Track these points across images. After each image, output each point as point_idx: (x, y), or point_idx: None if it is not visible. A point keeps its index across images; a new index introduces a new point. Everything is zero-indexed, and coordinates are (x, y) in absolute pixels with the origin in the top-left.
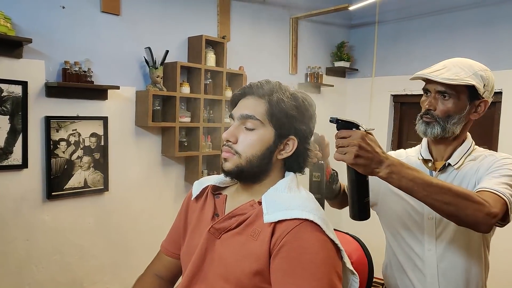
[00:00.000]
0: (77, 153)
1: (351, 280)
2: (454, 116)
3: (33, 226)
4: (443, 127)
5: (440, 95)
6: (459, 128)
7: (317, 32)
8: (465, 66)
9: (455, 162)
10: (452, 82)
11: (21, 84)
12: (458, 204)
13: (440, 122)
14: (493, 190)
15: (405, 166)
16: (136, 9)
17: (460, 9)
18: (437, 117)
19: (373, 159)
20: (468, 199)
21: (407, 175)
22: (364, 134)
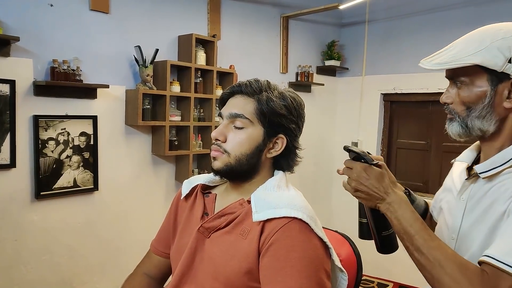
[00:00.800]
0: (66, 152)
1: (340, 277)
2: (475, 107)
3: (21, 226)
4: (463, 124)
5: (455, 84)
6: (490, 123)
7: (307, 31)
8: (477, 37)
9: (485, 170)
10: (442, 66)
11: (8, 83)
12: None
13: (458, 118)
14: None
15: (402, 207)
16: (125, 7)
17: (449, 8)
18: (454, 111)
19: (371, 195)
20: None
21: (401, 221)
22: (363, 168)
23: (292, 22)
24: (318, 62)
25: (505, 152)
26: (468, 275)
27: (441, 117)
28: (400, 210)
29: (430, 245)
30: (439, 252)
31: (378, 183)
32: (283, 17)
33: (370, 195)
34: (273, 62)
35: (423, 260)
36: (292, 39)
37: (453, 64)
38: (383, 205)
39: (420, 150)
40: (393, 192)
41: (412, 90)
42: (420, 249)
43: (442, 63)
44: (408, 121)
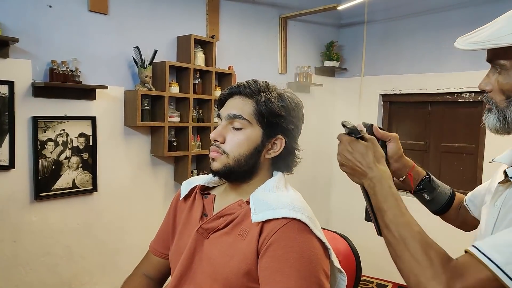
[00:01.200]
0: (65, 153)
1: (339, 278)
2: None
3: (20, 227)
4: (502, 116)
5: (494, 67)
6: None
7: (306, 32)
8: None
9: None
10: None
11: (7, 84)
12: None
13: (496, 109)
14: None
15: (380, 183)
16: (124, 8)
17: (447, 9)
18: (492, 101)
19: (355, 169)
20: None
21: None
22: (348, 141)
23: (291, 22)
24: (317, 62)
25: None
26: (431, 255)
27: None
28: (378, 185)
29: (398, 221)
30: (406, 229)
31: (361, 157)
32: (282, 18)
33: (354, 170)
34: (272, 62)
35: (390, 237)
36: (291, 40)
37: (489, 44)
38: (365, 181)
39: (418, 151)
40: (376, 167)
41: (411, 90)
42: (389, 225)
43: (478, 42)
44: (407, 122)
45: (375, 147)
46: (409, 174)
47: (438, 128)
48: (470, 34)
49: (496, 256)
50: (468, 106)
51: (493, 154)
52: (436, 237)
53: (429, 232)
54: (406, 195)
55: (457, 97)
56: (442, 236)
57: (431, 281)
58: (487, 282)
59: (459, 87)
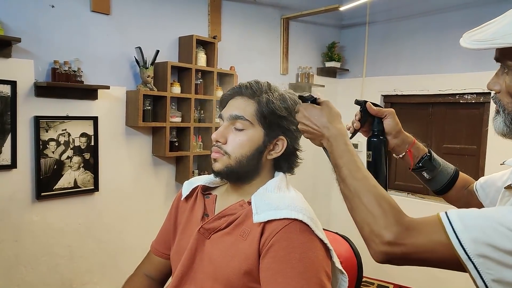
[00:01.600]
0: (66, 153)
1: (340, 279)
2: None
3: (22, 227)
4: (509, 120)
5: (502, 69)
6: None
7: (308, 32)
8: None
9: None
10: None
11: (10, 84)
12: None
13: (502, 112)
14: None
15: (336, 140)
16: (126, 8)
17: (448, 10)
18: (499, 102)
19: (313, 133)
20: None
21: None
22: (304, 107)
23: (293, 23)
24: (318, 63)
25: None
26: (385, 207)
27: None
28: (334, 143)
29: (354, 176)
30: (362, 183)
31: (317, 120)
32: (284, 19)
33: (313, 134)
34: (274, 63)
35: (346, 191)
36: (292, 41)
37: (492, 43)
38: (324, 141)
39: None
40: (332, 126)
41: (412, 91)
42: (345, 180)
43: (481, 40)
44: (408, 123)
45: (330, 109)
46: (408, 150)
47: (439, 129)
48: (477, 29)
49: (457, 222)
50: (470, 108)
51: (495, 156)
52: None
53: None
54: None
55: (459, 98)
56: None
57: (383, 230)
58: (438, 245)
59: (461, 88)
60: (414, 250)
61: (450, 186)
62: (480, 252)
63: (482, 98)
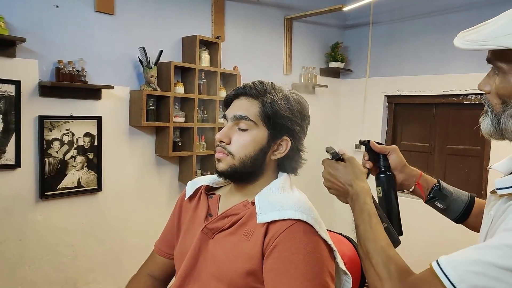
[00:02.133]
0: (70, 153)
1: (344, 280)
2: (510, 103)
3: (26, 226)
4: (496, 121)
5: (492, 70)
6: None
7: (311, 33)
8: None
9: (501, 186)
10: (469, 46)
11: (14, 84)
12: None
13: (490, 113)
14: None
15: (357, 199)
16: (130, 8)
17: (452, 11)
18: (488, 103)
19: (338, 190)
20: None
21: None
22: (328, 165)
23: (296, 23)
24: (321, 63)
25: None
26: (391, 269)
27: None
28: (355, 201)
29: (366, 236)
30: (371, 244)
31: (342, 177)
32: (287, 19)
33: (338, 191)
34: (277, 63)
35: (360, 251)
36: (296, 41)
37: (484, 44)
38: (348, 199)
39: (423, 153)
40: (355, 184)
41: (416, 92)
42: (359, 240)
43: (474, 40)
44: (412, 123)
45: (354, 166)
46: (417, 183)
47: (443, 130)
48: (472, 29)
49: (452, 273)
50: (473, 108)
51: (500, 157)
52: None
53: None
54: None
55: (463, 99)
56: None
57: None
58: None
59: (464, 89)
60: None
61: (467, 214)
62: None
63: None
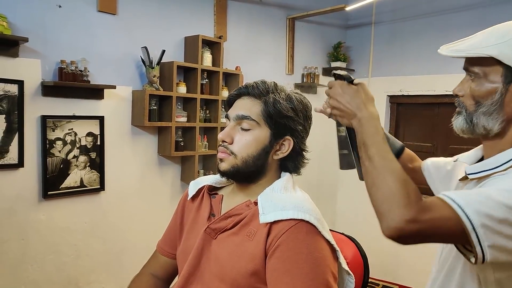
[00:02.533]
0: (73, 152)
1: (346, 280)
2: (483, 103)
3: (28, 225)
4: (467, 119)
5: (468, 75)
6: (495, 122)
7: (313, 33)
8: (504, 31)
9: (474, 171)
10: (456, 54)
11: (17, 83)
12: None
13: (464, 112)
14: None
15: (369, 122)
16: (132, 8)
17: (454, 11)
18: (462, 105)
19: (344, 111)
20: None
21: (362, 132)
22: (340, 85)
23: (298, 23)
24: (324, 63)
25: (500, 155)
26: (409, 190)
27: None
28: (366, 124)
29: (384, 156)
30: (390, 163)
31: (351, 99)
32: (289, 19)
33: (344, 112)
34: (279, 63)
35: (371, 167)
36: (298, 41)
37: (468, 52)
38: (354, 121)
39: (426, 153)
40: (365, 108)
41: (418, 92)
42: (372, 158)
43: (459, 50)
44: (414, 123)
45: (365, 91)
46: None
47: (446, 130)
48: (453, 43)
49: (459, 200)
50: None
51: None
52: None
53: None
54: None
55: None
56: None
57: (402, 209)
58: (448, 219)
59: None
60: (428, 227)
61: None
62: (482, 222)
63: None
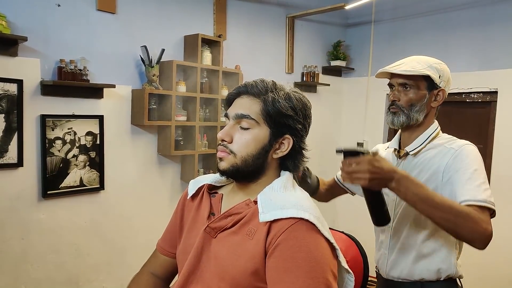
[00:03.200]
0: (72, 151)
1: (346, 279)
2: (416, 104)
3: (28, 225)
4: (407, 115)
5: (402, 87)
6: (422, 115)
7: (313, 31)
8: (421, 61)
9: (412, 149)
10: (409, 73)
11: (16, 83)
12: (457, 222)
13: (404, 111)
14: (479, 202)
15: (410, 180)
16: (132, 7)
17: (454, 9)
18: (401, 106)
19: (383, 178)
20: (467, 217)
21: (412, 190)
22: (371, 159)
23: (298, 22)
24: (323, 62)
25: (423, 135)
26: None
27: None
28: (408, 181)
29: (448, 203)
30: (457, 207)
31: (385, 167)
32: (289, 17)
33: (382, 179)
34: (279, 62)
35: (447, 216)
36: (297, 39)
37: (413, 72)
38: (393, 183)
39: None
40: (397, 170)
41: None
42: (444, 208)
43: (408, 70)
44: None
45: (384, 158)
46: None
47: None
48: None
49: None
50: (476, 107)
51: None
52: None
53: None
54: None
55: (465, 97)
56: None
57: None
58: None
59: (467, 87)
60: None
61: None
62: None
63: (489, 97)
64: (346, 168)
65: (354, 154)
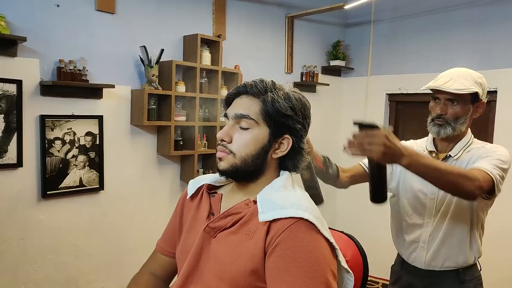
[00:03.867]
0: (72, 152)
1: (346, 278)
2: (462, 118)
3: (28, 225)
4: (453, 127)
5: (449, 102)
6: (464, 126)
7: (312, 31)
8: (467, 76)
9: (455, 154)
10: (462, 92)
11: (15, 83)
12: (459, 181)
13: (451, 124)
14: (483, 169)
15: (419, 155)
16: (131, 7)
17: (454, 8)
18: (448, 120)
19: (395, 153)
20: (465, 177)
21: (422, 163)
22: (387, 133)
23: (297, 22)
24: (323, 62)
25: (462, 142)
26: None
27: None
28: (419, 158)
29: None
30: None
31: (399, 143)
32: (288, 17)
33: (394, 155)
34: (278, 62)
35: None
36: (297, 39)
37: (465, 91)
38: (404, 159)
39: None
40: (406, 148)
41: (417, 90)
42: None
43: (459, 89)
44: (413, 121)
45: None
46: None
47: None
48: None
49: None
50: None
51: None
52: None
53: None
54: None
55: None
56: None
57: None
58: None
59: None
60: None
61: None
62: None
63: (488, 96)
64: (360, 139)
65: (371, 127)
